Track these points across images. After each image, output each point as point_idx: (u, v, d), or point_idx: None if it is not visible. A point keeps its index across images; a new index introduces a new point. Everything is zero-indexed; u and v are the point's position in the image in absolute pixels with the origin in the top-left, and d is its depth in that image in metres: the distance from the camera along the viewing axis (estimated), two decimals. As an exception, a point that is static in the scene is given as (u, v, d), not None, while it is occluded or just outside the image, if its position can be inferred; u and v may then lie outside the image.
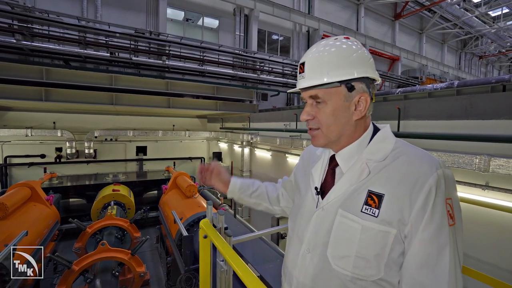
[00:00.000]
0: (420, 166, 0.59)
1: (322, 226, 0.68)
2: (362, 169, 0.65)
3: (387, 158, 0.64)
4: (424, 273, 0.56)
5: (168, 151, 7.93)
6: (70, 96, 4.96)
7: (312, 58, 0.67)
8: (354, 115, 0.67)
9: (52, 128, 6.37)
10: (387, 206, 0.59)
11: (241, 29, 8.42)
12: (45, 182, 5.08)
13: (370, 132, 0.70)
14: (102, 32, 5.92)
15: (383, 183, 0.61)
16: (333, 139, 0.69)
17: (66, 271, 2.70)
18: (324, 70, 0.65)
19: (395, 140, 0.67)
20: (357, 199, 0.64)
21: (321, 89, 0.66)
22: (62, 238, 4.56)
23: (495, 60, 18.38)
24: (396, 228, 0.58)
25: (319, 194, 0.72)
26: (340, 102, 0.66)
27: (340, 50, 0.65)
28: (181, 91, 5.77)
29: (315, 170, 0.78)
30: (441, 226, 0.56)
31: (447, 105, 2.87)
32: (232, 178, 0.96)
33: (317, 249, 0.68)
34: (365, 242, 0.60)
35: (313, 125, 0.70)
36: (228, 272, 1.04)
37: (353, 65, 0.65)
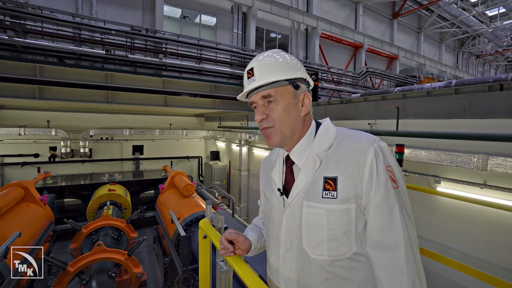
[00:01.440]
0: (359, 144, 0.67)
1: (293, 222, 0.73)
2: (314, 160, 0.72)
3: (332, 145, 0.72)
4: (383, 233, 0.63)
5: (165, 150, 7.87)
6: (65, 94, 4.87)
7: (261, 63, 0.74)
8: (302, 111, 0.75)
9: (46, 126, 6.26)
10: (342, 186, 0.66)
11: (239, 27, 8.36)
12: (39, 182, 4.97)
13: (314, 127, 0.78)
14: (98, 29, 5.83)
15: (334, 167, 0.68)
16: (287, 134, 0.74)
17: (61, 273, 2.65)
18: (274, 70, 0.72)
19: (336, 129, 0.75)
20: (317, 187, 0.69)
21: (272, 88, 0.72)
22: (56, 239, 4.50)
23: (492, 60, 18.54)
24: (354, 203, 0.65)
25: (283, 194, 0.77)
26: (289, 99, 0.73)
27: (283, 56, 0.75)
28: (178, 89, 5.70)
29: (274, 173, 0.82)
30: (387, 190, 0.63)
31: (445, 104, 2.90)
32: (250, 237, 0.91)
33: (294, 246, 0.72)
34: (332, 224, 0.66)
35: (267, 124, 0.74)
36: (228, 272, 1.03)
37: (295, 68, 0.75)
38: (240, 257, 0.87)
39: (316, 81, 7.59)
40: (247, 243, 0.88)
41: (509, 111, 2.37)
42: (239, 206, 6.65)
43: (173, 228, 3.27)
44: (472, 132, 2.55)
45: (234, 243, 0.87)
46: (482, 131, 2.49)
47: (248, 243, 0.88)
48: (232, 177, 7.63)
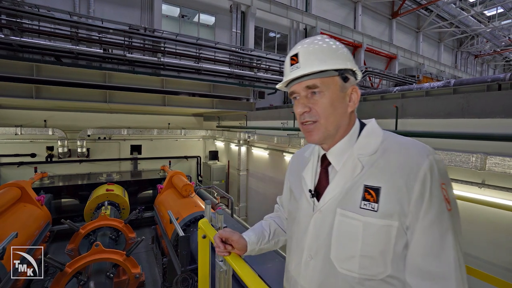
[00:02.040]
0: (412, 155, 0.59)
1: (322, 229, 0.66)
2: (355, 164, 0.64)
3: (377, 151, 0.63)
4: (429, 261, 0.55)
5: (163, 150, 7.84)
6: (62, 94, 4.83)
7: (308, 48, 0.66)
8: (349, 107, 0.67)
9: (43, 126, 6.22)
10: (385, 199, 0.58)
11: (238, 26, 8.33)
12: (35, 182, 4.96)
13: (358, 127, 0.70)
14: (95, 28, 5.78)
15: (377, 176, 0.61)
16: (331, 131, 0.67)
17: (59, 274, 2.63)
18: (322, 58, 0.64)
19: (383, 132, 0.67)
20: (354, 195, 0.62)
21: (319, 78, 0.64)
22: (54, 239, 4.47)
23: (490, 59, 18.61)
24: (398, 220, 0.57)
25: (314, 197, 0.70)
26: (337, 92, 0.65)
27: (332, 43, 0.68)
28: (176, 88, 5.68)
29: (306, 172, 0.75)
30: (440, 212, 0.55)
31: (444, 104, 2.91)
32: (246, 237, 0.87)
33: (319, 254, 0.66)
34: (368, 239, 0.59)
35: (310, 118, 0.66)
36: (228, 272, 1.03)
37: (345, 57, 0.66)
38: (239, 257, 0.85)
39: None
40: (242, 242, 0.84)
41: (507, 110, 2.38)
42: (238, 206, 6.64)
43: (172, 228, 3.27)
44: (471, 131, 2.56)
45: (228, 242, 0.84)
46: (480, 131, 2.50)
47: (243, 242, 0.84)
48: (231, 177, 7.61)
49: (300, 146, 4.45)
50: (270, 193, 5.90)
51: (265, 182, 6.12)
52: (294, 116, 4.72)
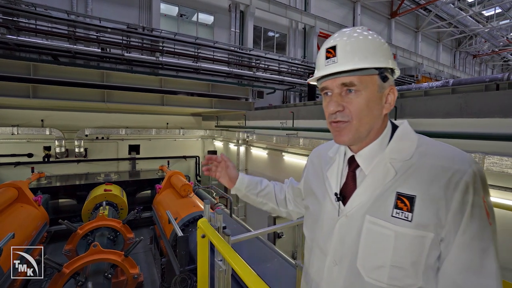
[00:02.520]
0: (453, 163, 0.55)
1: (348, 235, 0.63)
2: (387, 169, 0.60)
3: (413, 156, 0.59)
4: (468, 277, 0.52)
5: (161, 149, 7.80)
6: (59, 93, 4.79)
7: (348, 41, 0.61)
8: (385, 108, 0.63)
9: (40, 126, 6.16)
10: (421, 209, 0.54)
11: (237, 25, 8.31)
12: (32, 182, 4.90)
13: (389, 129, 0.65)
14: (93, 27, 5.75)
15: (412, 183, 0.57)
16: (363, 133, 0.63)
17: (56, 274, 2.61)
18: (363, 54, 0.59)
19: (418, 136, 0.62)
20: (385, 203, 0.59)
21: (357, 75, 0.60)
22: (51, 240, 4.45)
23: (489, 59, 18.70)
24: (433, 231, 0.54)
25: (339, 200, 0.66)
26: (374, 93, 0.61)
27: (374, 37, 0.62)
28: (175, 88, 5.65)
29: (330, 173, 0.72)
30: (482, 226, 0.52)
31: (442, 104, 2.91)
32: (240, 174, 0.92)
33: (345, 261, 0.63)
34: (400, 250, 0.55)
35: (343, 117, 0.62)
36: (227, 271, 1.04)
37: (387, 54, 0.61)
38: (239, 256, 0.84)
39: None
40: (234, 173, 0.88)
41: (505, 110, 2.38)
42: (237, 206, 6.62)
43: (170, 228, 3.26)
44: (469, 131, 2.57)
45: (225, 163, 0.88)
46: (478, 131, 2.51)
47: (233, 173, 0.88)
48: (230, 177, 7.59)
49: (299, 146, 4.44)
50: (269, 193, 5.88)
51: (264, 182, 6.10)
52: (293, 115, 4.67)
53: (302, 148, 4.64)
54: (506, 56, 18.02)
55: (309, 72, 8.22)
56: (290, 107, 5.90)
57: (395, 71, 0.64)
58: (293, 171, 5.23)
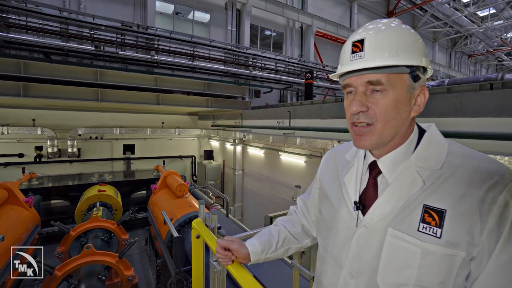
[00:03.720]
0: (489, 176, 0.49)
1: (367, 248, 0.59)
2: (413, 178, 0.55)
3: (443, 165, 0.54)
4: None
5: (157, 149, 7.73)
6: (51, 92, 4.69)
7: (378, 35, 0.55)
8: (413, 111, 0.57)
9: (32, 125, 6.05)
10: (451, 225, 0.50)
11: (233, 24, 8.25)
12: (23, 183, 4.82)
13: (416, 134, 0.60)
14: (86, 25, 5.65)
15: (442, 196, 0.51)
16: (387, 138, 0.57)
17: (48, 277, 2.57)
18: (394, 49, 0.53)
19: (448, 143, 0.57)
20: (411, 215, 0.54)
21: (385, 73, 0.54)
22: (43, 242, 4.35)
23: (484, 59, 18.96)
24: (465, 250, 0.49)
25: (359, 209, 0.62)
26: (403, 93, 0.55)
27: (408, 32, 0.55)
28: (170, 87, 5.59)
29: (348, 179, 0.66)
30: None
31: (438, 103, 2.93)
32: (249, 246, 0.80)
33: (363, 276, 0.59)
34: (426, 268, 0.51)
35: (366, 119, 0.56)
36: (222, 272, 1.02)
37: (420, 51, 0.55)
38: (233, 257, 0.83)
39: (311, 80, 7.56)
40: (243, 251, 0.77)
41: (499, 110, 2.41)
42: (234, 206, 6.60)
43: (166, 229, 3.24)
44: (464, 130, 2.59)
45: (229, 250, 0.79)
46: (473, 130, 2.53)
47: (244, 251, 0.77)
48: (226, 177, 7.56)
49: (296, 146, 4.42)
50: (266, 193, 5.87)
51: (261, 181, 6.09)
52: (290, 115, 4.65)
53: (299, 147, 4.62)
54: (500, 56, 18.28)
55: (306, 71, 8.20)
56: (287, 106, 5.87)
57: (428, 70, 0.58)
58: (290, 170, 5.21)
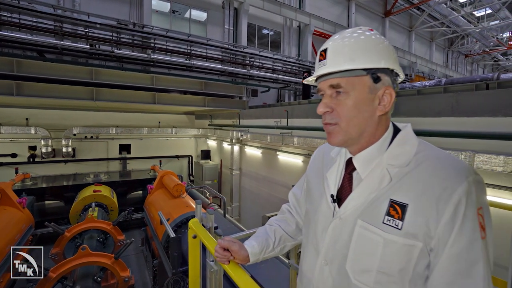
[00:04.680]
0: (448, 173, 0.54)
1: (340, 238, 0.64)
2: (382, 175, 0.60)
3: (410, 163, 0.58)
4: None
5: (153, 149, 7.68)
6: (45, 91, 4.62)
7: (336, 43, 0.62)
8: (378, 110, 0.62)
9: (25, 125, 5.96)
10: (411, 218, 0.55)
11: (230, 22, 8.20)
12: (17, 184, 4.76)
13: (391, 132, 0.64)
14: (81, 23, 5.56)
15: (406, 191, 0.56)
16: (353, 135, 0.62)
17: (42, 279, 2.52)
18: (351, 55, 0.59)
19: (418, 142, 0.61)
20: (378, 208, 0.59)
21: (344, 77, 0.60)
22: (36, 243, 4.30)
23: (480, 59, 19.11)
24: (422, 241, 0.54)
25: (335, 202, 0.67)
26: (364, 94, 0.60)
27: (368, 38, 0.61)
28: (167, 86, 5.55)
29: (330, 174, 0.72)
30: (472, 240, 0.51)
31: (435, 103, 2.95)
32: (248, 247, 0.82)
33: (335, 262, 0.65)
34: (388, 257, 0.56)
35: (331, 120, 0.63)
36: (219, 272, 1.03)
37: (380, 54, 0.60)
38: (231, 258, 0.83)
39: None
40: (243, 253, 0.79)
41: (494, 110, 2.42)
42: (231, 206, 6.57)
43: (163, 229, 3.22)
44: (460, 130, 2.60)
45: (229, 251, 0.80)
46: (469, 129, 2.55)
47: (244, 253, 0.79)
48: (224, 177, 7.53)
49: (294, 145, 4.41)
50: (264, 193, 5.86)
51: (259, 181, 6.07)
52: (288, 114, 4.66)
53: (296, 147, 4.61)
54: (496, 56, 18.43)
55: (304, 70, 8.19)
56: (285, 105, 5.86)
57: (397, 70, 0.62)
58: (288, 170, 5.20)
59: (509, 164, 2.09)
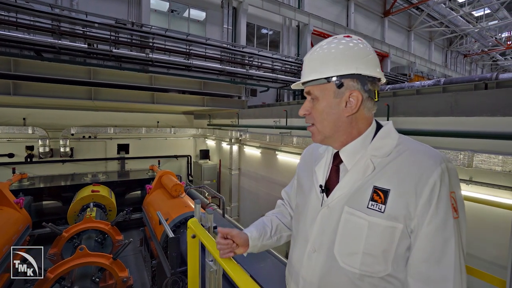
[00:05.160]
0: (424, 161, 0.60)
1: (328, 225, 0.69)
2: (366, 165, 0.66)
3: (391, 153, 0.65)
4: (430, 266, 0.57)
5: (152, 149, 7.65)
6: (43, 90, 4.60)
7: (310, 56, 0.71)
8: (345, 112, 0.68)
9: (22, 124, 5.92)
10: (393, 201, 0.60)
11: (229, 22, 8.18)
12: (14, 184, 4.73)
13: (373, 128, 0.71)
14: (79, 22, 5.52)
15: (388, 178, 0.62)
16: (328, 134, 0.70)
17: (39, 280, 2.51)
18: (317, 66, 0.68)
19: (398, 136, 0.68)
20: (363, 195, 0.64)
21: (313, 85, 0.69)
22: (34, 244, 4.28)
23: (479, 59, 19.16)
24: (403, 223, 0.59)
25: (323, 192, 0.72)
26: (330, 99, 0.67)
27: (336, 48, 0.67)
28: (166, 85, 5.53)
29: (318, 168, 0.77)
30: (445, 219, 0.57)
31: (433, 102, 2.95)
32: (248, 232, 0.85)
33: (323, 248, 0.69)
34: (372, 238, 0.61)
35: (309, 121, 0.73)
36: (218, 272, 1.03)
37: (343, 62, 0.65)
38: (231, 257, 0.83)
39: (307, 79, 7.52)
40: (243, 236, 0.82)
41: (493, 109, 2.43)
42: (230, 206, 6.56)
43: (161, 229, 3.20)
44: (459, 129, 2.61)
45: (228, 238, 0.82)
46: (468, 129, 2.55)
47: (244, 236, 0.82)
48: (223, 176, 7.52)
49: (293, 145, 4.40)
50: (263, 193, 5.85)
51: (258, 181, 6.06)
52: (287, 114, 4.67)
53: (295, 147, 4.60)
54: (495, 56, 18.48)
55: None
56: (284, 105, 5.85)
57: (367, 73, 0.66)
58: (287, 170, 5.19)
59: (508, 164, 2.09)
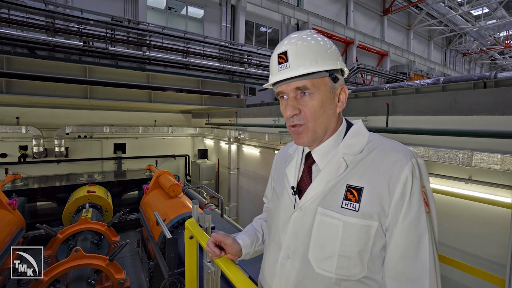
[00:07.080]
0: (395, 157, 0.60)
1: (301, 228, 0.66)
2: (339, 163, 0.64)
3: (363, 151, 0.64)
4: (406, 263, 0.56)
5: (149, 148, 7.59)
6: (37, 89, 4.51)
7: (298, 46, 0.63)
8: (338, 107, 0.67)
9: (15, 123, 5.82)
10: (367, 199, 0.59)
11: (228, 20, 8.10)
12: (6, 185, 4.67)
13: (344, 126, 0.70)
14: (74, 19, 5.42)
15: (361, 176, 0.61)
16: (320, 134, 0.67)
17: (33, 282, 2.49)
18: (313, 58, 0.63)
19: (369, 134, 0.68)
20: (337, 195, 0.62)
21: (309, 79, 0.63)
22: (28, 246, 4.21)
23: (477, 58, 19.25)
24: (377, 220, 0.58)
25: (296, 194, 0.69)
26: (326, 94, 0.65)
27: (323, 41, 0.66)
28: (163, 84, 5.46)
29: (289, 169, 0.75)
30: (419, 214, 0.57)
31: (433, 101, 2.94)
32: (240, 240, 0.84)
33: (297, 254, 0.65)
34: (347, 239, 0.59)
35: (299, 121, 0.65)
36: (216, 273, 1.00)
37: (335, 56, 0.65)
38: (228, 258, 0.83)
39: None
40: (236, 247, 0.81)
41: (492, 108, 2.43)
42: (229, 206, 6.52)
43: (159, 230, 3.19)
44: (458, 128, 2.61)
45: (222, 246, 0.81)
46: (467, 128, 2.55)
47: (237, 247, 0.81)
48: (221, 176, 7.47)
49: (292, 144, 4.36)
50: (262, 193, 5.75)
51: (257, 181, 6.02)
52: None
53: (294, 146, 4.55)
54: (493, 55, 18.56)
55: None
56: (282, 104, 5.78)
57: (345, 70, 0.68)
58: (285, 169, 5.15)
59: (507, 163, 2.10)
